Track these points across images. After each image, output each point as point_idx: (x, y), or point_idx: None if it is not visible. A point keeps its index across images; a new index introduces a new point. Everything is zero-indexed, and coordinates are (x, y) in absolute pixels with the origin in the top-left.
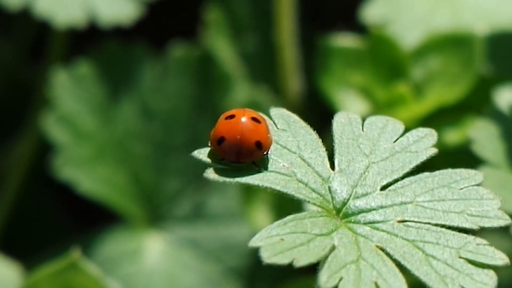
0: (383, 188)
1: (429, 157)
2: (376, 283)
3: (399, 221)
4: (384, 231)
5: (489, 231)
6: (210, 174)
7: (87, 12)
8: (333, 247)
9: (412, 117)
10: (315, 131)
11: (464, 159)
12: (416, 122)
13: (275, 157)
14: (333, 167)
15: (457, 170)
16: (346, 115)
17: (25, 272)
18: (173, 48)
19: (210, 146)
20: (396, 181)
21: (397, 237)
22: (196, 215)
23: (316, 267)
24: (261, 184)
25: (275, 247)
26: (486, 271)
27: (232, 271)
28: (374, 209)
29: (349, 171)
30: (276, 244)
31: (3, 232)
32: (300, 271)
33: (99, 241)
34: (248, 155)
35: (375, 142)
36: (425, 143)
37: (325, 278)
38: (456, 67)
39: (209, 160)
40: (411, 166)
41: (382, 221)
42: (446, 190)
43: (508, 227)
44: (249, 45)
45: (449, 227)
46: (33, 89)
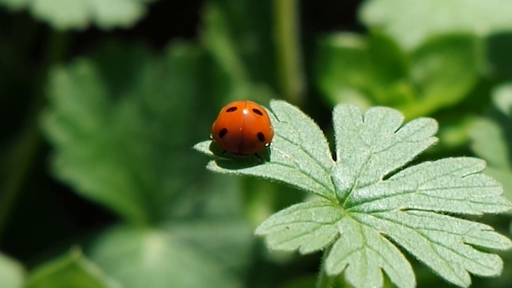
0: (386, 178)
1: (430, 146)
2: (383, 269)
3: (402, 210)
4: (388, 219)
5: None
6: (213, 166)
7: (87, 12)
8: (338, 235)
9: (412, 117)
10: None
11: None
12: None
13: (277, 148)
14: (335, 158)
15: (459, 158)
16: (346, 107)
17: (25, 272)
18: (173, 48)
19: (212, 138)
20: (398, 170)
21: (401, 225)
22: (196, 215)
23: (316, 267)
24: (264, 175)
25: (280, 235)
26: (491, 255)
27: (232, 271)
28: (377, 198)
29: (351, 162)
30: (281, 232)
31: (3, 232)
32: (300, 271)
33: (99, 241)
34: (250, 147)
35: (376, 133)
36: (426, 132)
37: (331, 265)
38: (456, 67)
39: (211, 152)
40: (413, 156)
41: (386, 210)
42: (449, 178)
43: (509, 226)
44: (249, 45)
45: (453, 215)
46: (33, 89)
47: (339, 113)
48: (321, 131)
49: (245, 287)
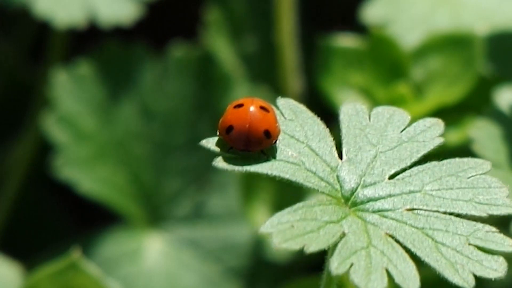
0: (391, 177)
1: (436, 146)
2: (387, 269)
3: (407, 210)
4: (393, 219)
5: None
6: (219, 163)
7: (87, 12)
8: (343, 234)
9: (412, 117)
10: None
11: None
12: None
13: (283, 146)
14: (340, 156)
15: (465, 159)
16: (353, 106)
17: (25, 272)
18: (173, 48)
19: (218, 135)
20: (404, 170)
21: (406, 225)
22: (196, 215)
23: (316, 267)
24: (269, 173)
25: (285, 233)
26: (495, 257)
27: (232, 271)
28: (382, 198)
29: (357, 161)
30: (286, 230)
31: (3, 232)
32: (300, 271)
33: (99, 241)
34: (257, 144)
35: (382, 132)
36: (432, 132)
37: (336, 264)
38: (456, 67)
39: (218, 149)
40: (419, 156)
41: (391, 210)
42: (454, 179)
43: (509, 226)
44: (249, 45)
45: (458, 215)
46: (33, 89)
47: (345, 111)
48: (327, 129)
49: (245, 287)
